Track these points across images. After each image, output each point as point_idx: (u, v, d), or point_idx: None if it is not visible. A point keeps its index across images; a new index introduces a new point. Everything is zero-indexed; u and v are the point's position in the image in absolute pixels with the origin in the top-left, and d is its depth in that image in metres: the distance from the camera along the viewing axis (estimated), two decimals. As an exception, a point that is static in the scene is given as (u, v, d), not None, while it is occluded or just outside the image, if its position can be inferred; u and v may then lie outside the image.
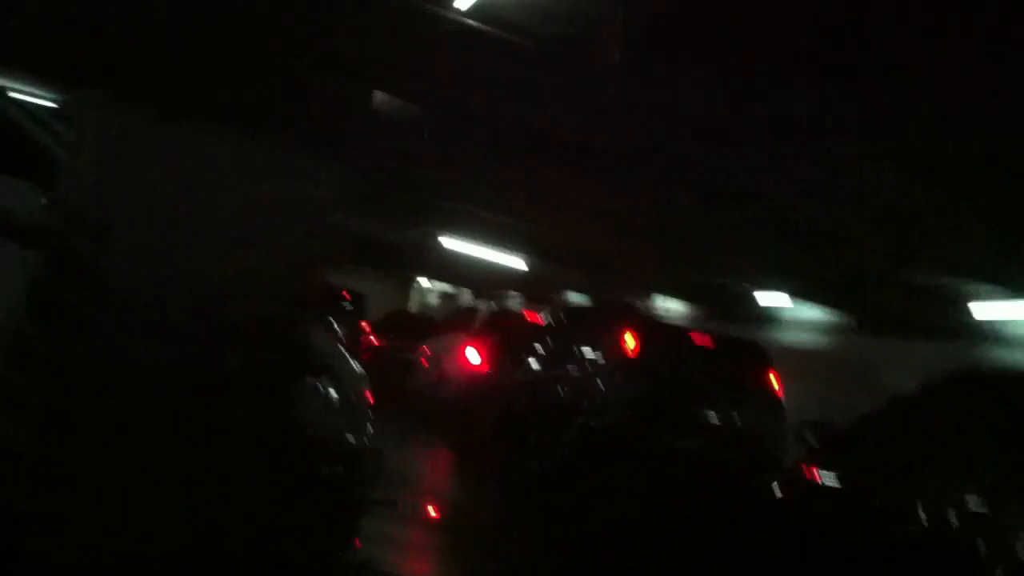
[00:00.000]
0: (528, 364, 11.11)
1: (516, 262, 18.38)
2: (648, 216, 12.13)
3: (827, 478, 5.52)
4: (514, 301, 25.22)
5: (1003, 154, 7.04)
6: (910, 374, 5.94)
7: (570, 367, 10.14)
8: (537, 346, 11.16)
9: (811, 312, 15.03)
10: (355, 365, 6.47)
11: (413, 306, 33.87)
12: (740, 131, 7.78)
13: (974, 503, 4.51)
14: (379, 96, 8.86)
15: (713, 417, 9.02)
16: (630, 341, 9.21)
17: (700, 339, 9.76)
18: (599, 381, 9.46)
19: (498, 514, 9.06)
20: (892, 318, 12.92)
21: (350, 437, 6.00)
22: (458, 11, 6.72)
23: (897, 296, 12.49)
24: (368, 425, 6.15)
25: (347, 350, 6.77)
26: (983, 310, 11.78)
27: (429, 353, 15.93)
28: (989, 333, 11.57)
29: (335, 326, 9.64)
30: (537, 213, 13.64)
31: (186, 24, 6.58)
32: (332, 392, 6.03)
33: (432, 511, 8.67)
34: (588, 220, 13.35)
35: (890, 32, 5.71)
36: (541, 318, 12.86)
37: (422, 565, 6.78)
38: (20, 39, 7.62)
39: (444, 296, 32.22)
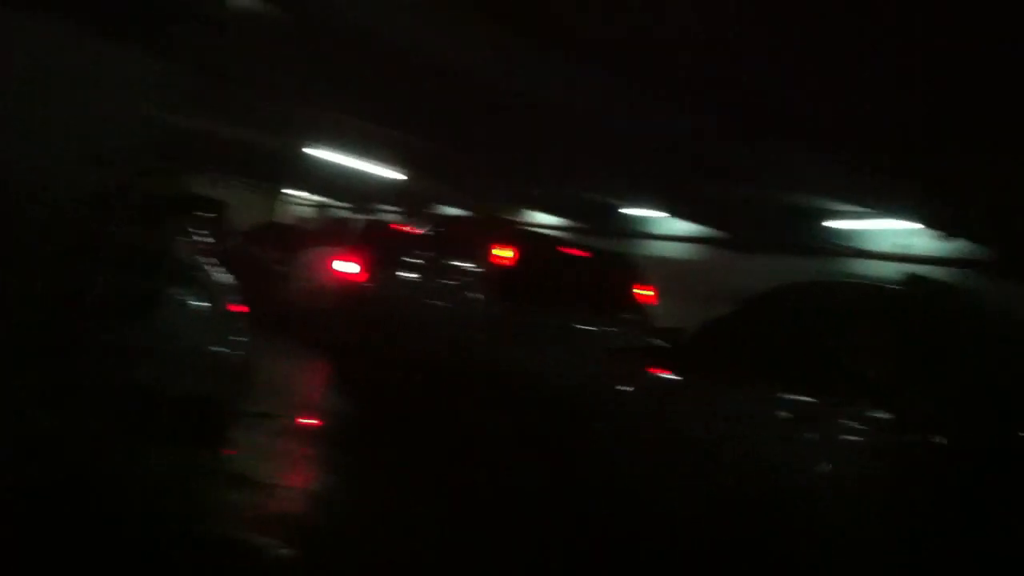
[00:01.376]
0: (403, 274, 11.05)
1: (388, 174, 18.15)
2: (515, 133, 12.14)
3: (669, 377, 6.15)
4: (388, 214, 25.00)
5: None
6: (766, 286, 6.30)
7: (446, 277, 10.13)
8: (412, 257, 11.09)
9: (682, 227, 15.43)
10: (221, 275, 6.32)
11: (284, 217, 33.21)
12: (607, 52, 7.83)
13: (796, 401, 4.97)
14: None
15: (586, 325, 9.20)
16: (503, 251, 9.23)
17: (572, 251, 9.86)
18: (476, 291, 9.49)
19: (373, 424, 9.12)
20: (757, 234, 13.40)
21: (217, 348, 5.90)
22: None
23: (763, 214, 12.94)
24: (237, 336, 6.06)
25: (213, 260, 6.60)
26: (839, 227, 12.34)
27: (302, 264, 15.69)
28: (843, 248, 12.12)
29: (200, 236, 9.31)
30: (407, 124, 13.46)
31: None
32: (196, 303, 5.90)
33: (308, 421, 8.67)
34: (457, 134, 13.28)
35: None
36: (415, 229, 12.77)
37: (298, 475, 6.78)
38: None
39: (315, 207, 31.70)
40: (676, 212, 15.04)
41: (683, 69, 7.95)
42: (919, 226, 10.86)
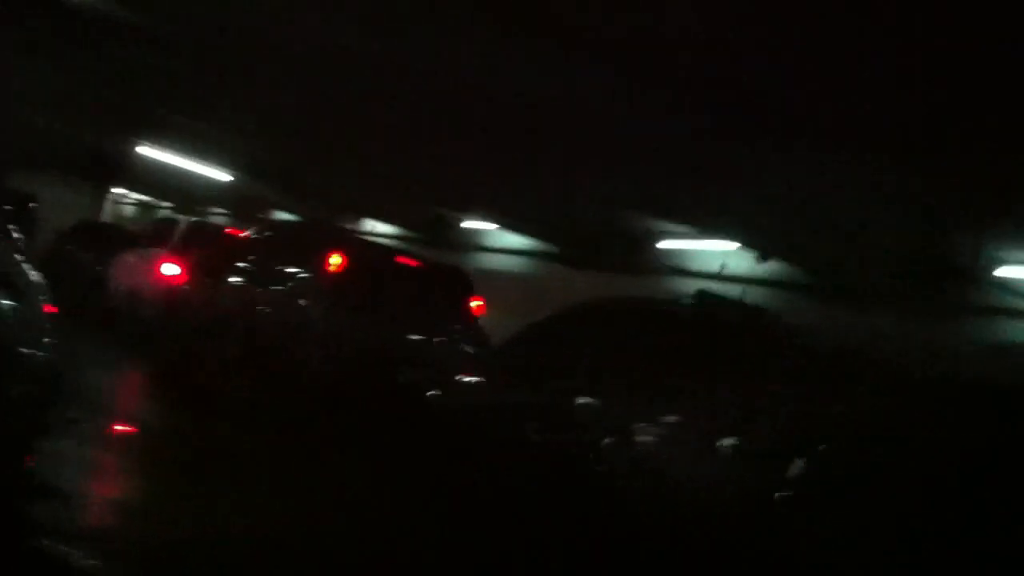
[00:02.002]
0: (228, 280, 10.75)
1: (222, 177, 17.65)
2: (353, 140, 12.00)
3: (473, 381, 6.80)
4: (218, 218, 24.31)
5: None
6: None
7: (273, 283, 9.92)
8: (239, 261, 10.81)
9: (517, 241, 15.63)
10: (33, 275, 6.01)
11: (107, 216, 31.84)
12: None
13: (585, 403, 5.50)
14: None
15: (414, 335, 9.20)
16: (336, 258, 9.13)
17: (405, 261, 9.85)
18: (302, 297, 9.34)
19: (194, 433, 8.80)
20: (591, 252, 13.72)
21: (25, 350, 5.60)
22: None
23: (598, 232, 13.25)
24: (46, 338, 5.75)
25: (23, 258, 6.27)
26: (668, 248, 12.77)
27: (122, 265, 15.05)
28: (670, 267, 12.55)
29: (11, 232, 8.79)
30: (244, 127, 13.12)
31: None
32: (7, 303, 5.61)
33: (119, 430, 8.28)
34: (295, 139, 13.03)
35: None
36: (245, 233, 12.46)
37: (104, 485, 6.47)
38: None
39: (142, 208, 30.51)
40: (509, 225, 15.21)
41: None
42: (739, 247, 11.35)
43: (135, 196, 30.41)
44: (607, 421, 5.10)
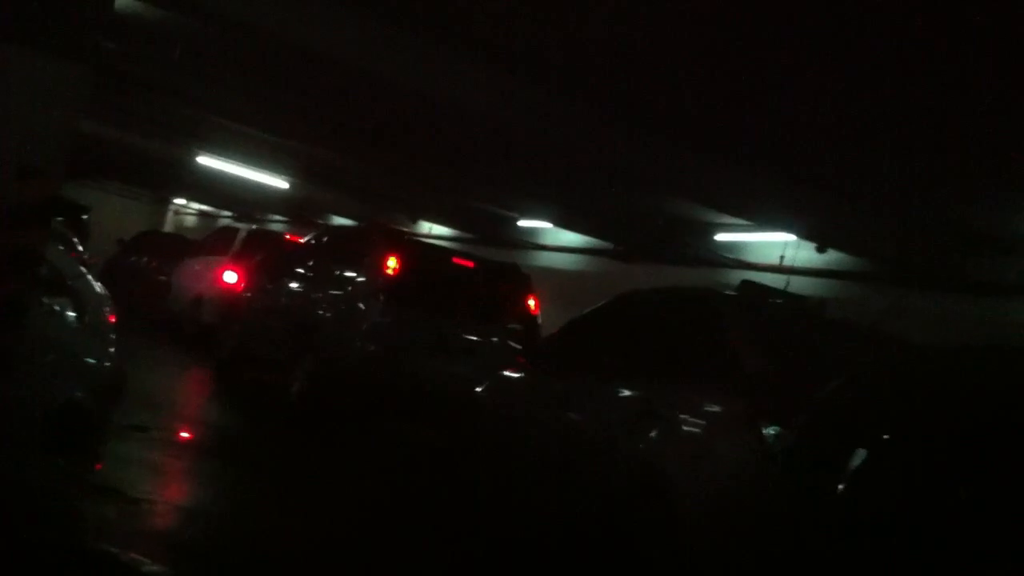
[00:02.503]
0: (288, 285, 10.88)
1: (281, 184, 17.84)
2: (414, 146, 12.06)
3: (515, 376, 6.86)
4: (279, 225, 24.60)
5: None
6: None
7: (332, 287, 10.02)
8: (298, 267, 10.94)
9: (574, 239, 15.59)
10: (96, 285, 6.14)
11: (170, 226, 32.45)
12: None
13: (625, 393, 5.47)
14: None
15: (470, 334, 9.23)
16: (392, 260, 9.18)
17: (461, 261, 9.88)
18: (360, 300, 9.41)
19: (256, 438, 8.91)
20: (647, 246, 13.62)
21: (91, 360, 5.73)
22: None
23: (654, 226, 13.15)
24: (111, 348, 5.88)
25: (85, 268, 6.42)
26: (725, 240, 12.63)
27: (185, 274, 15.33)
28: (727, 259, 12.41)
29: (76, 244, 9.02)
30: (304, 134, 13.24)
31: None
32: (71, 314, 5.74)
33: (185, 435, 8.40)
34: (356, 145, 13.12)
35: None
36: (303, 240, 12.60)
37: (173, 489, 6.57)
38: None
39: (203, 217, 31.01)
40: (567, 224, 15.16)
41: (578, 72, 7.95)
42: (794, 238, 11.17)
43: (196, 206, 30.91)
44: (647, 411, 5.05)
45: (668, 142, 9.02)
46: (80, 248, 8.59)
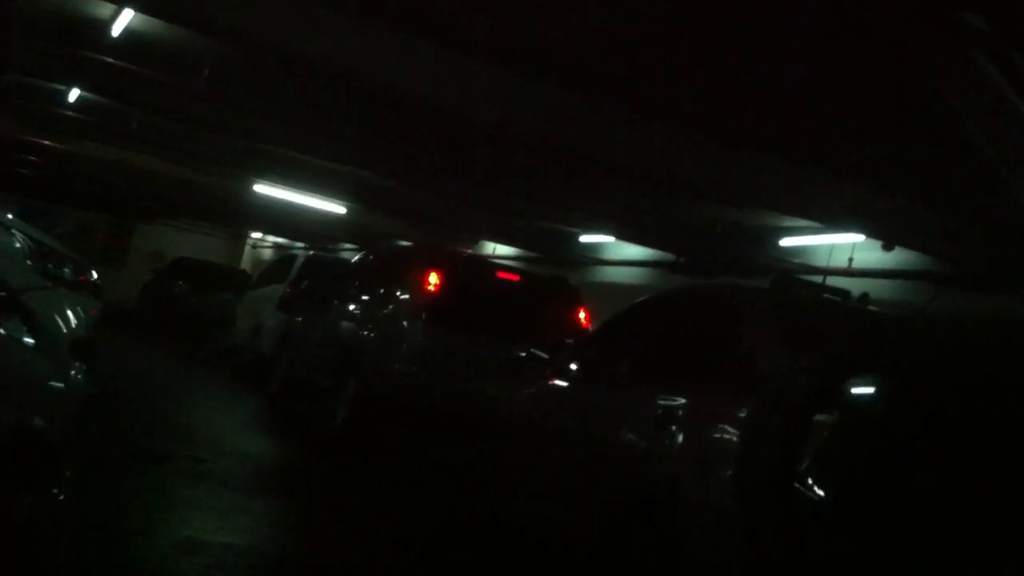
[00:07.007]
0: (334, 309, 10.73)
1: (339, 211, 17.80)
2: (473, 167, 11.86)
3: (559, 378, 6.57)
4: (348, 253, 24.70)
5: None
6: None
7: (374, 309, 9.81)
8: (343, 290, 10.80)
9: (637, 253, 15.20)
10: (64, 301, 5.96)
11: (247, 259, 32.92)
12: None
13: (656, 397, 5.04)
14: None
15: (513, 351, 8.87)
16: (432, 277, 8.93)
17: (505, 275, 9.58)
18: (403, 319, 9.17)
19: (303, 469, 8.67)
20: (711, 257, 13.14)
21: (55, 384, 5.24)
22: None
23: (716, 237, 12.69)
24: (71, 370, 5.41)
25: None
26: (790, 244, 12.08)
27: (244, 303, 15.44)
28: (793, 264, 11.86)
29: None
30: (364, 162, 13.16)
31: None
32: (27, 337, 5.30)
33: (232, 467, 8.14)
34: (415, 170, 12.97)
35: None
36: (352, 261, 12.51)
37: (227, 526, 6.31)
38: None
39: (278, 249, 31.35)
40: (629, 237, 14.78)
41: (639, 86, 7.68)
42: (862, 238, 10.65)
43: (272, 239, 31.28)
44: (678, 414, 4.72)
45: (730, 149, 8.67)
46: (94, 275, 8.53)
